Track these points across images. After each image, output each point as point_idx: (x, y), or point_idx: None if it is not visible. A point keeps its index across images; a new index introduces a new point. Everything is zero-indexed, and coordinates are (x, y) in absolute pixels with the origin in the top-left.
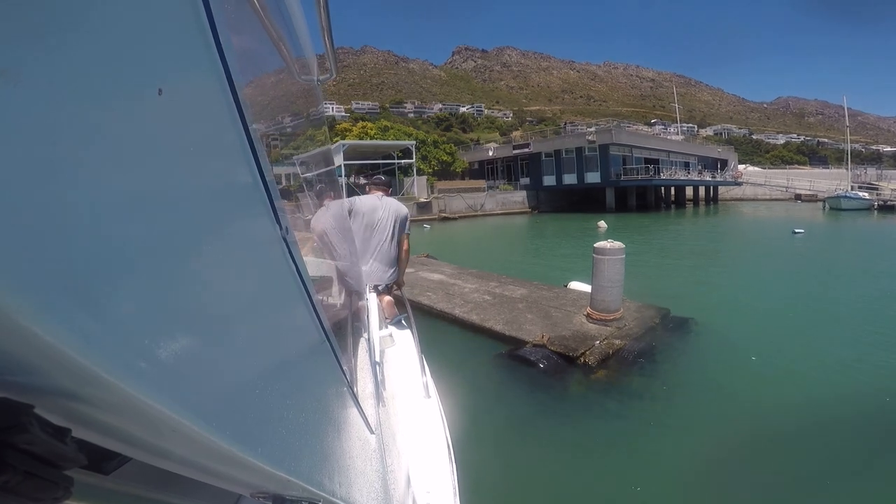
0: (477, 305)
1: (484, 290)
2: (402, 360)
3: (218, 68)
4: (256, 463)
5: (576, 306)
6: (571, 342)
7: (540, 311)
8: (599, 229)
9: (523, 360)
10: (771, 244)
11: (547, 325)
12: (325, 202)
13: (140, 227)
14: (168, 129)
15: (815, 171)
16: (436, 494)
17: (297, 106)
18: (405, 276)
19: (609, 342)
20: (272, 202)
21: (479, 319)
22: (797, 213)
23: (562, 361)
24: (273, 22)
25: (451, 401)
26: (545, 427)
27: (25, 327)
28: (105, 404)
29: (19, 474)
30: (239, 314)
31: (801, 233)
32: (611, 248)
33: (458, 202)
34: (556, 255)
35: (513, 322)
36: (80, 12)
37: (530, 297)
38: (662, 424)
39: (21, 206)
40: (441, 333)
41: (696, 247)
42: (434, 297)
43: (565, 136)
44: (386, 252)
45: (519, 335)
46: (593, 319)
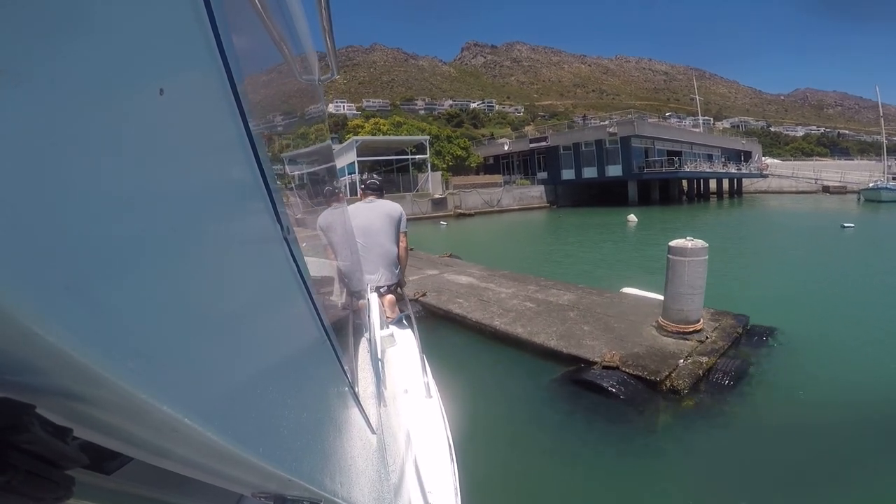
0: (519, 314)
1: (523, 295)
2: (404, 360)
3: (219, 68)
4: (257, 462)
5: (639, 315)
6: (649, 362)
7: (597, 322)
8: (629, 223)
9: (592, 385)
10: (821, 239)
11: (611, 339)
12: (329, 202)
13: (141, 227)
14: (169, 130)
15: (844, 162)
16: (437, 494)
17: (298, 106)
18: (406, 274)
19: (695, 360)
20: (273, 202)
21: (525, 333)
22: (830, 205)
23: (641, 387)
24: (274, 21)
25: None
26: (633, 478)
27: (26, 327)
28: (106, 404)
29: (21, 474)
30: (240, 314)
31: (851, 227)
32: (692, 248)
33: (473, 198)
34: (589, 253)
35: (568, 336)
36: (80, 12)
37: (580, 303)
38: (790, 467)
39: (22, 205)
40: (478, 351)
41: (742, 243)
42: (466, 304)
43: (584, 129)
44: (385, 254)
45: (579, 353)
46: (668, 332)
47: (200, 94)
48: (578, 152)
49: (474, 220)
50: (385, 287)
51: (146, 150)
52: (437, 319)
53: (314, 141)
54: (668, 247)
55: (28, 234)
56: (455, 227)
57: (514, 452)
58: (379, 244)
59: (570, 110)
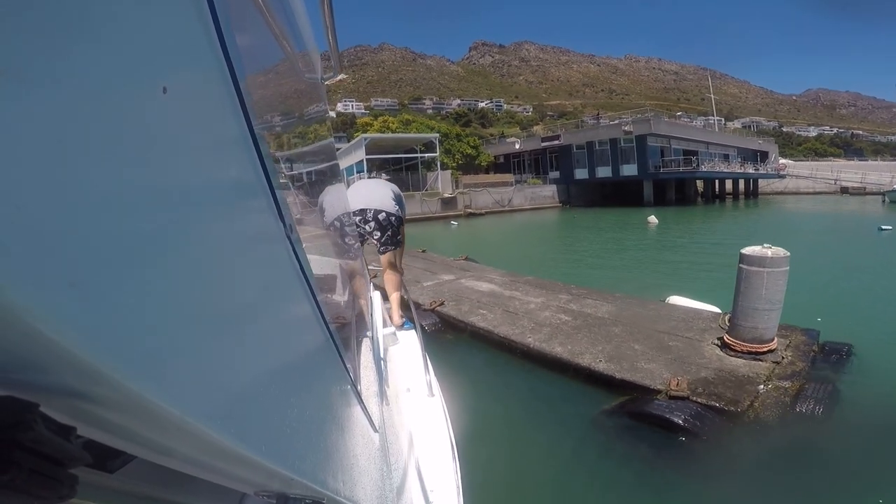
0: (555, 329)
1: (555, 305)
2: (406, 359)
3: (222, 67)
4: (260, 461)
5: (694, 331)
6: (723, 389)
7: (649, 340)
8: (650, 224)
9: (658, 419)
10: (861, 243)
11: (670, 361)
12: (328, 197)
13: (145, 226)
14: (172, 128)
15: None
16: (439, 493)
17: (301, 104)
18: (419, 278)
19: (776, 386)
20: (276, 201)
21: (566, 353)
22: (854, 207)
23: (719, 420)
24: (277, 20)
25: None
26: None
27: (30, 325)
28: (110, 403)
29: (24, 472)
30: (244, 313)
31: (889, 229)
32: (773, 257)
33: (484, 197)
34: (613, 256)
35: (619, 357)
36: (82, 11)
37: (623, 316)
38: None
39: (26, 203)
40: (507, 373)
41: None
42: (491, 316)
43: (598, 128)
44: (386, 195)
45: (636, 379)
46: (737, 351)
47: (203, 92)
48: (592, 151)
49: (485, 220)
50: (386, 217)
51: (149, 148)
52: (458, 333)
53: (317, 139)
54: (741, 255)
55: (32, 232)
56: (466, 227)
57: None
58: (381, 193)
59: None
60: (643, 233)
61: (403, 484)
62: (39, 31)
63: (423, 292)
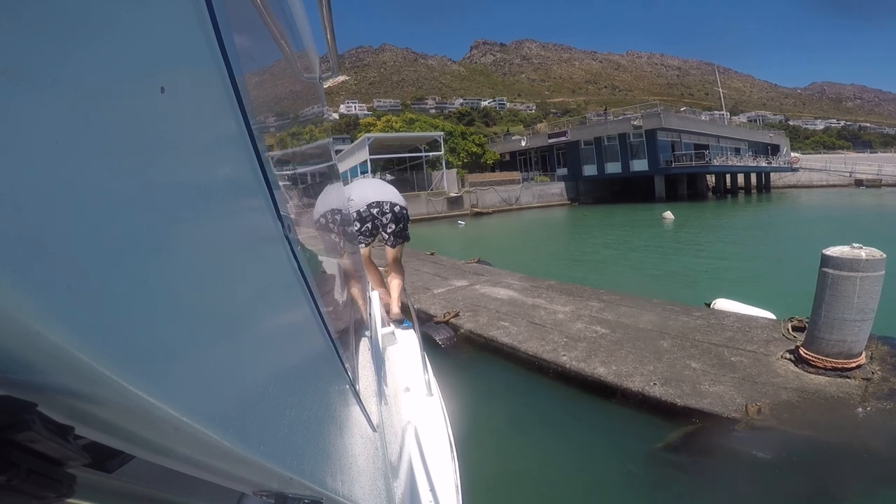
0: (593, 345)
1: (587, 315)
2: (405, 358)
3: (220, 67)
4: (259, 461)
5: (755, 341)
6: (814, 413)
7: (706, 355)
8: (665, 221)
9: (742, 455)
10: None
11: (738, 381)
12: (327, 196)
13: (143, 226)
14: (170, 128)
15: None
16: (438, 492)
17: (299, 104)
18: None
19: (876, 408)
20: (275, 201)
21: (611, 375)
22: (871, 200)
23: (817, 452)
24: (275, 20)
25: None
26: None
27: (28, 325)
28: (108, 403)
29: (22, 472)
30: (241, 312)
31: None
32: (867, 260)
33: (491, 196)
34: (634, 255)
35: (677, 379)
36: (82, 11)
37: (668, 326)
38: None
39: (24, 204)
40: (539, 398)
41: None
42: (515, 329)
43: (607, 123)
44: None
45: (703, 405)
46: (818, 367)
47: (202, 92)
48: (601, 147)
49: (493, 219)
50: (401, 210)
51: (148, 148)
52: (477, 349)
53: (315, 139)
54: (825, 257)
55: (30, 233)
56: (473, 227)
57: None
58: (391, 189)
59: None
60: (660, 230)
61: (402, 483)
62: (39, 31)
63: (433, 301)
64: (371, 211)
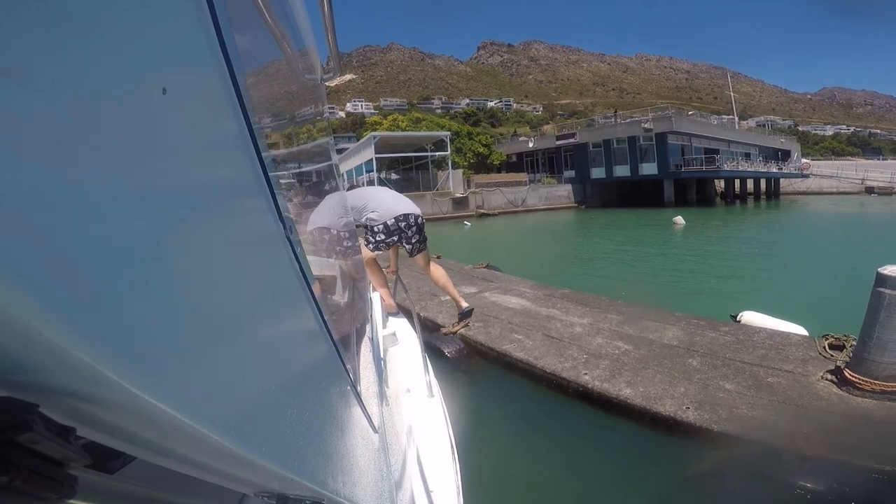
0: (616, 363)
1: (606, 328)
2: (406, 359)
3: (221, 67)
4: (260, 462)
5: (791, 360)
6: (864, 440)
7: (740, 375)
8: (676, 226)
9: (783, 485)
10: None
11: (777, 405)
12: (325, 199)
13: (144, 227)
14: (172, 129)
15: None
16: (439, 493)
17: (301, 105)
18: (435, 293)
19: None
20: (276, 202)
21: (638, 397)
22: (885, 208)
23: (872, 484)
24: (276, 20)
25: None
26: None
27: (29, 326)
28: (109, 404)
29: (24, 473)
30: (243, 313)
31: None
32: None
33: (497, 197)
34: (647, 263)
35: (711, 402)
36: (82, 11)
37: (695, 343)
38: None
39: (25, 204)
40: (557, 420)
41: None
42: (530, 343)
43: (616, 125)
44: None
45: (742, 432)
46: (864, 390)
47: (203, 93)
48: (610, 149)
49: (499, 221)
50: (421, 221)
51: (149, 149)
52: (488, 362)
53: (316, 140)
54: (881, 276)
55: (31, 234)
56: (479, 228)
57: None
58: (407, 200)
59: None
60: (671, 236)
61: (403, 484)
62: (40, 31)
63: (441, 309)
64: (399, 224)
